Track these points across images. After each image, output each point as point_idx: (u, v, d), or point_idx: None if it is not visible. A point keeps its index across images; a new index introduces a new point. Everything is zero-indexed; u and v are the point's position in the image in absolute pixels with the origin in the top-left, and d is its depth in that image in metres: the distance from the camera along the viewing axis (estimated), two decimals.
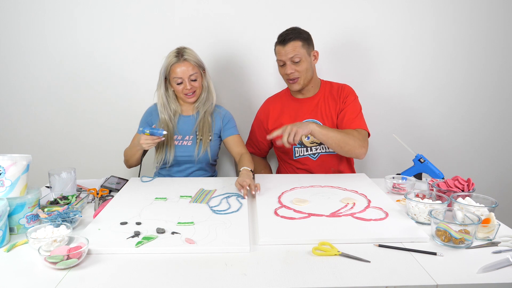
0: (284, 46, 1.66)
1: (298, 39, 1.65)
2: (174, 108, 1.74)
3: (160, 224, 1.14)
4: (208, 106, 1.75)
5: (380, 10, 2.04)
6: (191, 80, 1.66)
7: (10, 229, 1.10)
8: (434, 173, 1.53)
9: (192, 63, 1.65)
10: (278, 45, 1.68)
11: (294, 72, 1.68)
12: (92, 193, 1.45)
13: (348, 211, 1.23)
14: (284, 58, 1.67)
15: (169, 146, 1.70)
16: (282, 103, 1.83)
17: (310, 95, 1.79)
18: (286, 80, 1.74)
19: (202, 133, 1.71)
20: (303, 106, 1.78)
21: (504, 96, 2.19)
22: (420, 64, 2.12)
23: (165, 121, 1.72)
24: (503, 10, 2.06)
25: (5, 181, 1.09)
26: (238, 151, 1.73)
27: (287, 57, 1.65)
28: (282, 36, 1.67)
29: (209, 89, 1.75)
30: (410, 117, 2.20)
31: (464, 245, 1.02)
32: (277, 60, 1.71)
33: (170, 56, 1.66)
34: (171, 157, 1.70)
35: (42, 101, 2.12)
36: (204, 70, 1.72)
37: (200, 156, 1.70)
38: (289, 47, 1.65)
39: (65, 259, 0.91)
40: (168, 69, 1.66)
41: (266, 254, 0.98)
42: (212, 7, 2.01)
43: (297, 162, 1.79)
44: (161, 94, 1.72)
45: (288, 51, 1.65)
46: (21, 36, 2.03)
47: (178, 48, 1.67)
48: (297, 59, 1.65)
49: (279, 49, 1.68)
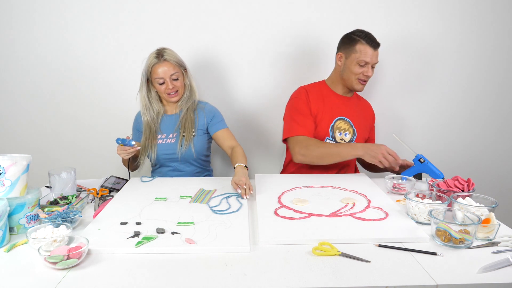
0: (375, 50, 1.70)
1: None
2: (157, 109, 1.76)
3: (160, 224, 1.14)
4: (190, 104, 1.76)
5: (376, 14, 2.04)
6: (173, 79, 1.68)
7: (10, 229, 1.10)
8: (434, 173, 1.53)
9: (173, 63, 1.67)
10: (368, 47, 1.69)
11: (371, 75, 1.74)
12: (92, 193, 1.45)
13: (348, 211, 1.23)
14: (371, 61, 1.70)
15: (151, 146, 1.73)
16: (322, 93, 1.81)
17: (349, 95, 1.86)
18: (355, 79, 1.74)
19: (184, 129, 1.73)
20: (344, 103, 1.82)
21: (505, 97, 2.19)
22: (423, 65, 2.12)
23: (148, 122, 1.74)
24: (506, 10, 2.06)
25: (5, 181, 1.09)
26: (229, 144, 1.72)
27: (373, 60, 1.71)
28: (373, 39, 1.70)
29: (191, 88, 1.77)
30: (410, 117, 2.20)
31: (464, 245, 1.02)
32: (359, 60, 1.70)
33: (150, 58, 1.67)
34: (153, 156, 1.73)
35: (42, 101, 2.11)
36: (185, 69, 1.74)
37: (183, 152, 1.71)
38: (377, 53, 1.72)
39: (65, 259, 0.91)
40: (149, 70, 1.68)
41: (266, 254, 0.98)
42: (198, 6, 2.01)
43: None
44: (143, 96, 1.73)
45: (376, 55, 1.71)
46: (21, 37, 2.03)
47: (158, 49, 1.69)
48: (375, 65, 1.74)
49: (368, 50, 1.69)
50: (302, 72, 2.09)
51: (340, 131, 1.78)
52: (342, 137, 1.79)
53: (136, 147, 1.56)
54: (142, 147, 1.73)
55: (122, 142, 1.55)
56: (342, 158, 1.61)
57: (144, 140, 1.73)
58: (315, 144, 1.65)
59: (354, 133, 1.81)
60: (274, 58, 2.08)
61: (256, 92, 2.14)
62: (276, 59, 2.09)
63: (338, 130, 1.78)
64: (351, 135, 1.80)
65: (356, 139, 1.81)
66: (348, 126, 1.80)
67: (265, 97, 2.14)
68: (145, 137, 1.73)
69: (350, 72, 1.74)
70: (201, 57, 2.08)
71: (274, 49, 2.07)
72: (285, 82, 2.10)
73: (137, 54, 2.05)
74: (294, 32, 2.05)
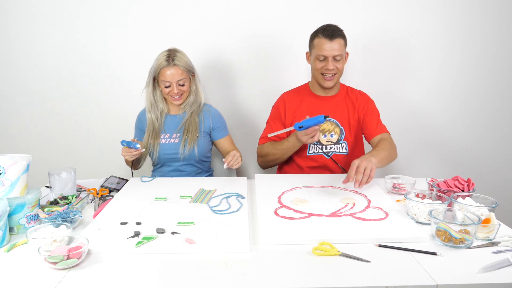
0: (331, 41, 1.61)
1: (342, 37, 1.64)
2: (161, 108, 1.76)
3: (160, 224, 1.14)
4: (195, 108, 1.76)
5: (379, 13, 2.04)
6: (179, 84, 1.68)
7: (10, 229, 1.10)
8: (316, 119, 1.45)
9: (182, 68, 1.66)
10: (324, 39, 1.61)
11: (335, 68, 1.66)
12: (92, 193, 1.45)
13: (348, 211, 1.23)
14: (328, 54, 1.62)
15: (153, 145, 1.73)
16: (301, 97, 1.80)
17: (331, 94, 1.79)
18: (319, 75, 1.69)
19: (188, 132, 1.73)
20: (323, 104, 1.77)
21: (507, 97, 2.19)
22: (425, 67, 2.13)
23: (152, 120, 1.74)
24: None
25: (5, 181, 1.09)
26: (228, 151, 1.76)
27: (332, 53, 1.62)
28: (329, 31, 1.62)
29: (197, 92, 1.77)
30: (411, 117, 2.20)
31: (464, 245, 1.02)
32: (317, 55, 1.65)
33: (160, 59, 1.66)
34: (155, 155, 1.73)
35: (42, 101, 2.11)
36: (193, 74, 1.74)
37: (186, 154, 1.72)
38: (336, 44, 1.61)
39: (65, 259, 0.91)
40: (157, 71, 1.68)
41: (266, 254, 0.98)
42: (207, 9, 2.01)
43: (310, 159, 1.78)
44: (149, 92, 1.74)
45: (334, 47, 1.61)
46: (21, 37, 2.03)
47: (170, 50, 1.68)
48: (339, 57, 1.64)
49: (324, 43, 1.61)
50: (306, 74, 2.09)
51: (324, 133, 1.75)
52: (328, 138, 1.75)
53: (141, 150, 1.57)
54: (144, 145, 1.73)
55: (127, 144, 1.55)
56: (290, 151, 1.68)
57: (147, 138, 1.74)
58: (268, 150, 1.75)
59: (341, 132, 1.76)
60: (276, 60, 2.08)
61: (257, 93, 2.13)
62: (279, 61, 2.08)
63: (321, 132, 1.75)
64: (337, 135, 1.76)
65: (345, 137, 1.76)
66: (333, 126, 1.76)
67: (267, 98, 2.13)
68: (148, 135, 1.74)
69: (314, 69, 1.71)
70: (206, 58, 2.07)
71: (276, 51, 2.06)
72: (287, 84, 2.10)
73: (138, 55, 2.06)
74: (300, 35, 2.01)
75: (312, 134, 1.49)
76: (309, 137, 1.50)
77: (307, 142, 1.53)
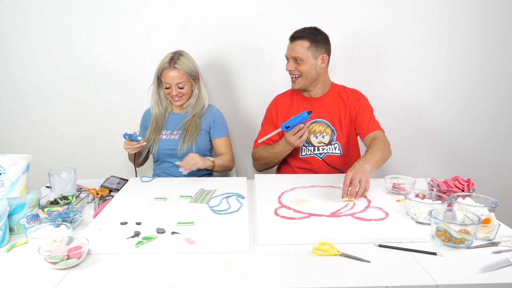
0: (291, 42, 1.68)
1: (306, 39, 1.64)
2: (165, 105, 1.81)
3: (160, 224, 1.14)
4: (197, 110, 1.78)
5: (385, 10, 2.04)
6: (178, 87, 1.71)
7: (10, 229, 1.10)
8: (300, 116, 1.46)
9: (181, 72, 1.68)
10: (289, 41, 1.70)
11: (294, 70, 1.68)
12: (92, 193, 1.45)
13: (348, 211, 1.23)
14: (287, 54, 1.69)
15: (154, 140, 1.76)
16: (292, 100, 1.82)
17: (319, 95, 1.78)
18: (290, 77, 1.74)
19: (187, 131, 1.75)
20: (313, 105, 1.77)
21: (505, 98, 2.19)
22: (427, 68, 2.13)
23: (156, 116, 1.78)
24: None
25: (5, 181, 1.09)
26: (222, 152, 1.79)
27: (290, 54, 1.68)
28: (294, 33, 1.68)
29: (199, 95, 1.79)
30: (411, 117, 2.20)
31: (464, 245, 1.02)
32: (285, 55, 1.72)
33: (164, 60, 1.71)
34: (155, 150, 1.76)
35: (42, 101, 2.11)
36: (196, 77, 1.76)
37: (184, 150, 1.72)
38: (295, 45, 1.66)
39: (65, 259, 0.91)
40: (159, 71, 1.72)
41: (266, 254, 0.98)
42: (212, 9, 2.02)
43: (303, 161, 1.78)
44: (155, 90, 1.78)
45: (293, 49, 1.66)
46: (21, 37, 2.03)
47: (175, 52, 1.72)
48: (300, 59, 1.66)
49: (288, 45, 1.70)
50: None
51: (315, 135, 1.74)
52: (319, 140, 1.75)
53: (142, 142, 1.61)
54: (146, 139, 1.75)
55: (129, 137, 1.59)
56: (281, 155, 1.69)
57: (149, 133, 1.77)
58: (260, 154, 1.77)
59: (333, 133, 1.75)
60: (276, 61, 2.08)
61: (257, 94, 2.14)
62: (279, 62, 2.08)
63: (312, 134, 1.75)
64: (329, 136, 1.75)
65: (337, 138, 1.75)
66: (324, 127, 1.75)
67: (266, 99, 2.12)
68: (151, 130, 1.77)
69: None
70: (206, 59, 2.07)
71: (276, 53, 2.07)
72: (287, 85, 2.10)
73: (139, 56, 2.06)
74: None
75: (300, 134, 1.50)
76: (296, 138, 1.51)
77: (295, 143, 1.53)
